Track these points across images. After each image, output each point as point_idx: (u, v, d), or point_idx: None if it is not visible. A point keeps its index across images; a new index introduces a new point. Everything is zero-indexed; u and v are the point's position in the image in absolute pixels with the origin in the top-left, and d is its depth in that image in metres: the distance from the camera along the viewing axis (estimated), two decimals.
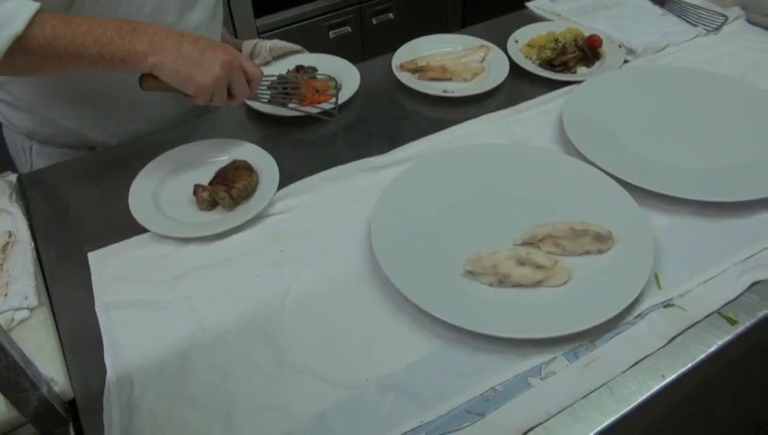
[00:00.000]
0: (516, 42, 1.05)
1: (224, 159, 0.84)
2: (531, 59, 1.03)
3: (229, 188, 0.77)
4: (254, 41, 1.08)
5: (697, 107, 0.91)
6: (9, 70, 0.71)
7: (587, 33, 1.05)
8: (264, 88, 0.91)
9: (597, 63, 1.02)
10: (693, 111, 0.90)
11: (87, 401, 0.58)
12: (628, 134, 0.86)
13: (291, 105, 0.93)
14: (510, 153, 0.83)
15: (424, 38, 1.07)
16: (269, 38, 1.13)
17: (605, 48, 1.04)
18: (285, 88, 0.94)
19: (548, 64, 1.01)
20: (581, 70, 1.01)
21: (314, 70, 1.00)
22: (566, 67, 1.01)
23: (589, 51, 1.02)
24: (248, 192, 0.79)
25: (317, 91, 0.94)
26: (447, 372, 0.59)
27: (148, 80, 0.75)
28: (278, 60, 1.06)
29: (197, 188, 0.78)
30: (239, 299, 0.67)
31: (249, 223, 0.76)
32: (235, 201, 0.77)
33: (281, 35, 1.76)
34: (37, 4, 0.67)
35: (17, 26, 0.66)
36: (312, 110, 0.91)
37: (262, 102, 0.91)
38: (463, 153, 0.83)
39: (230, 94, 0.78)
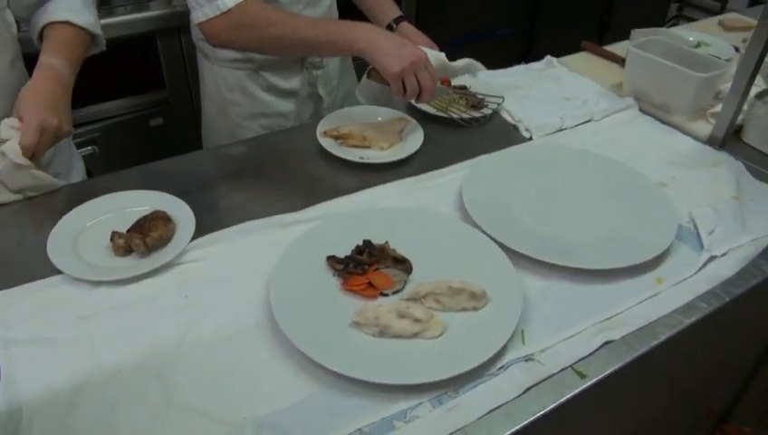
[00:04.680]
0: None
1: (146, 209, 0.90)
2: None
3: (144, 236, 0.83)
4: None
5: (579, 184, 1.02)
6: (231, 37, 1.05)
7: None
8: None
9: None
10: (574, 188, 1.01)
11: None
12: (517, 206, 0.95)
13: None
14: (408, 216, 0.91)
15: (348, 109, 1.18)
16: None
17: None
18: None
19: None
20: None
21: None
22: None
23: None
24: (163, 241, 0.85)
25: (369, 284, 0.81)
26: (322, 413, 0.65)
27: (374, 73, 1.06)
28: None
29: (114, 235, 0.83)
30: (139, 340, 0.72)
31: (160, 270, 0.81)
32: (149, 249, 0.83)
33: None
34: None
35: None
36: (455, 115, 1.17)
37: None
38: (366, 214, 0.92)
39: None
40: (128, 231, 0.84)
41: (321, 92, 1.32)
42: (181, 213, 0.89)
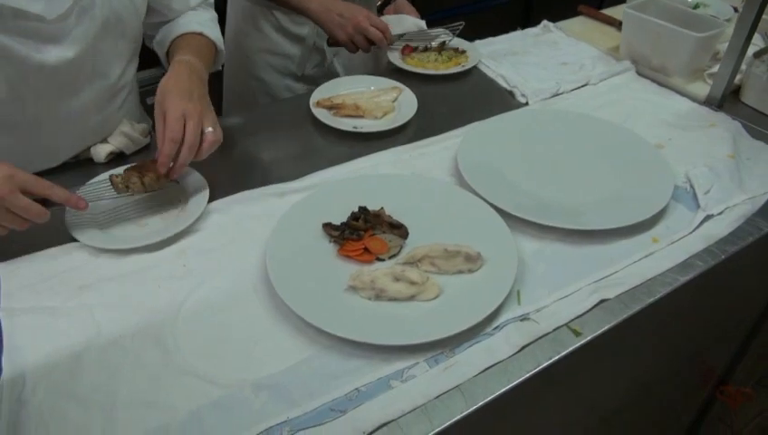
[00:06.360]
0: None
1: None
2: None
3: (142, 175, 0.82)
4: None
5: (574, 147, 1.01)
6: None
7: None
8: None
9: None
10: (569, 150, 1.01)
11: None
12: (512, 170, 0.95)
13: None
14: (403, 182, 0.91)
15: (341, 79, 1.17)
16: None
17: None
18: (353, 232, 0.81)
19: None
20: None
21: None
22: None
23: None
24: (160, 185, 0.84)
25: (365, 249, 0.79)
26: (319, 375, 0.66)
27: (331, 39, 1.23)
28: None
29: (112, 177, 0.83)
30: (138, 308, 0.73)
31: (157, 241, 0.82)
32: (146, 188, 0.83)
33: None
34: None
35: None
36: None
37: None
38: (362, 181, 0.92)
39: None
40: (125, 170, 0.84)
41: (325, 48, 1.35)
42: (191, 179, 0.90)
